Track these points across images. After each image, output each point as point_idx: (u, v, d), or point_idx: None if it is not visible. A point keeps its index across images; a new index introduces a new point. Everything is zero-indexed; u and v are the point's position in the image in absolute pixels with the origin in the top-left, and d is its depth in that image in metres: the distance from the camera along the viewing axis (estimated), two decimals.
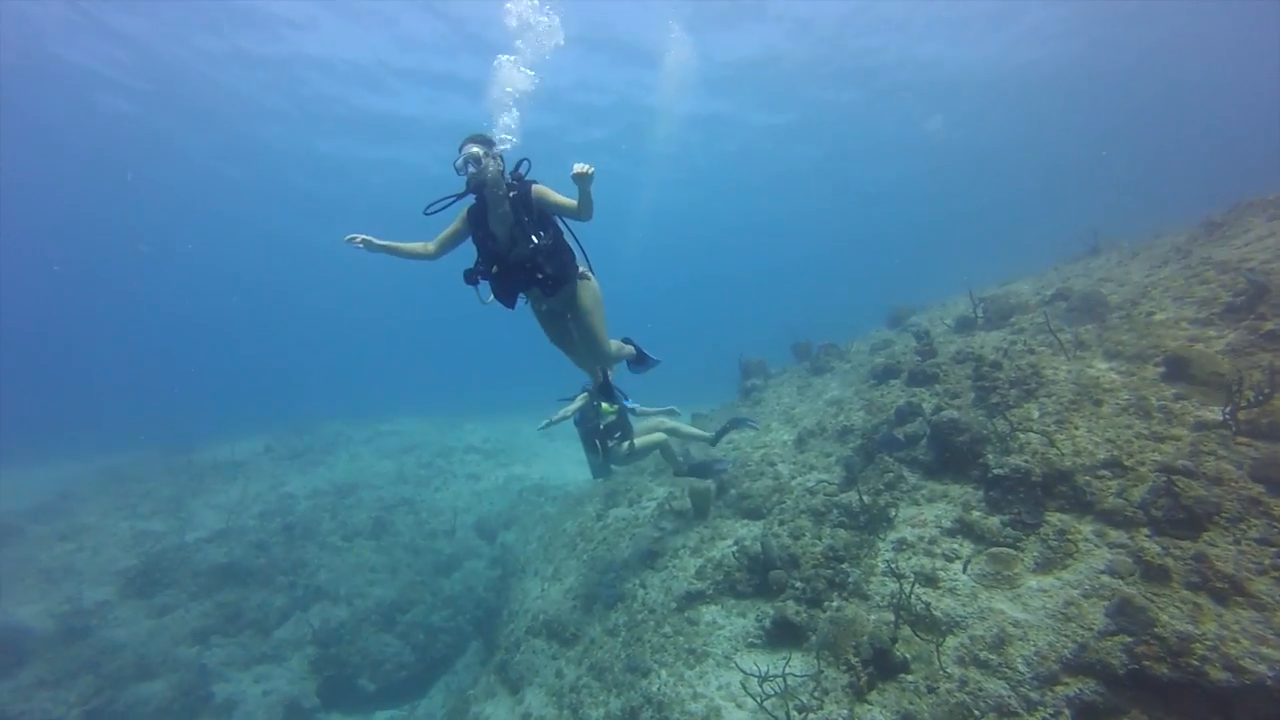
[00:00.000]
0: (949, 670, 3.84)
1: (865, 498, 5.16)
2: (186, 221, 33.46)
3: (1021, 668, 3.71)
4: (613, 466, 6.76)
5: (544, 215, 4.37)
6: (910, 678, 3.88)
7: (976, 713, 3.61)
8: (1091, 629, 3.72)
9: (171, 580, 10.29)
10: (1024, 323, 7.03)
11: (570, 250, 4.63)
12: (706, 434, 7.13)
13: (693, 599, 5.34)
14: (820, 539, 5.03)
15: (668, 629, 5.21)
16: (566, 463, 14.17)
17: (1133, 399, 4.95)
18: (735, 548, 5.44)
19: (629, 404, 6.35)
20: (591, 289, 4.80)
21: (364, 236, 4.20)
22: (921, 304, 11.12)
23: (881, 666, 3.93)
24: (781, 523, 5.42)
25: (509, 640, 6.92)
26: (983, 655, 3.84)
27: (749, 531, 5.75)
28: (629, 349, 5.89)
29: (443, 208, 4.31)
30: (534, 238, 4.25)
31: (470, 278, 4.39)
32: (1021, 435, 4.91)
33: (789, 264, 54.08)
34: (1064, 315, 6.63)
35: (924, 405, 5.83)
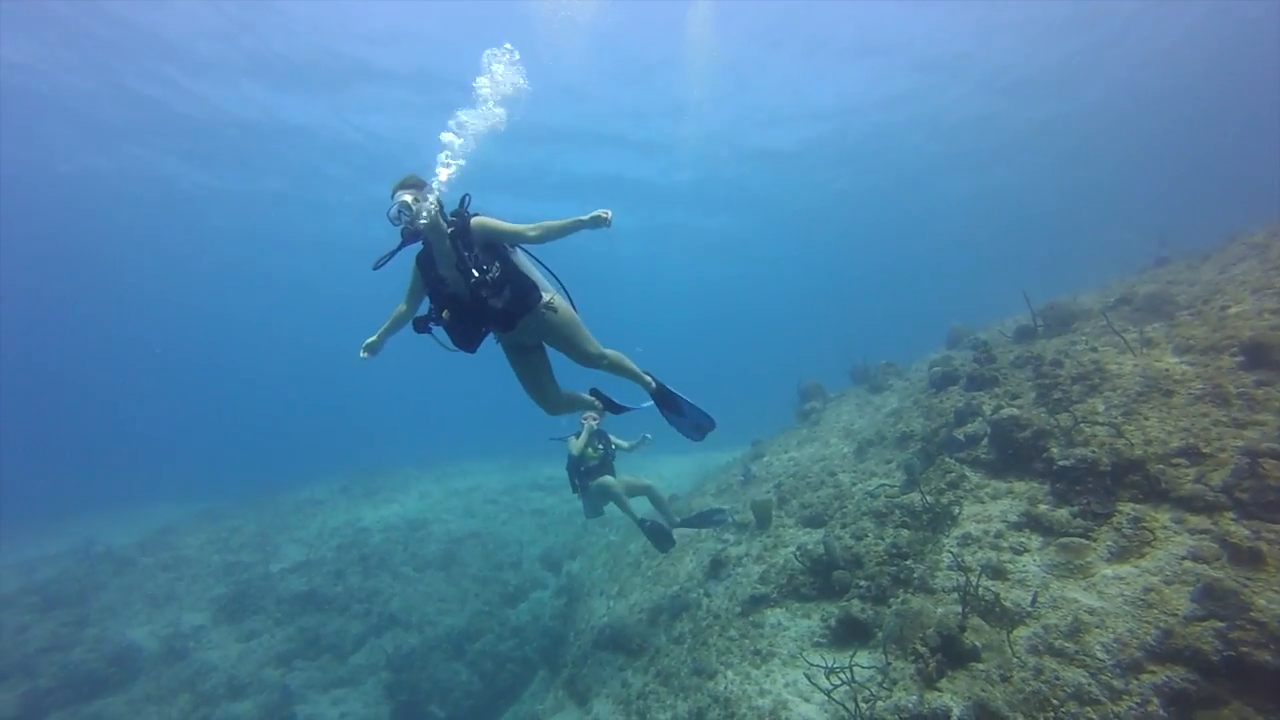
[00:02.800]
0: (1023, 659, 3.75)
1: (928, 498, 5.11)
2: (263, 283, 36.06)
3: (1101, 655, 3.60)
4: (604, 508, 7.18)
5: (490, 247, 4.11)
6: (981, 666, 3.79)
7: (1055, 701, 3.50)
8: (1176, 614, 3.59)
9: (258, 607, 10.84)
10: (1086, 328, 6.88)
11: (527, 279, 4.27)
12: (674, 518, 7.22)
13: (757, 603, 5.35)
14: (883, 539, 5.00)
15: (733, 633, 5.22)
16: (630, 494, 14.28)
17: (1208, 388, 4.80)
18: (798, 551, 5.44)
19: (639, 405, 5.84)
20: (560, 317, 4.40)
21: (366, 345, 4.19)
22: (981, 325, 10.93)
23: (950, 654, 3.86)
24: (844, 526, 5.41)
25: (576, 655, 7.00)
26: (1058, 644, 3.74)
27: (811, 538, 5.75)
28: (645, 376, 5.29)
29: (386, 261, 4.01)
30: (474, 271, 3.95)
31: (420, 326, 4.11)
32: (1087, 428, 4.81)
33: (846, 291, 53.32)
34: (1129, 317, 6.47)
35: (984, 407, 5.76)
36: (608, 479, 7.19)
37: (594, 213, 3.89)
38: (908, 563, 4.70)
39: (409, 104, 19.71)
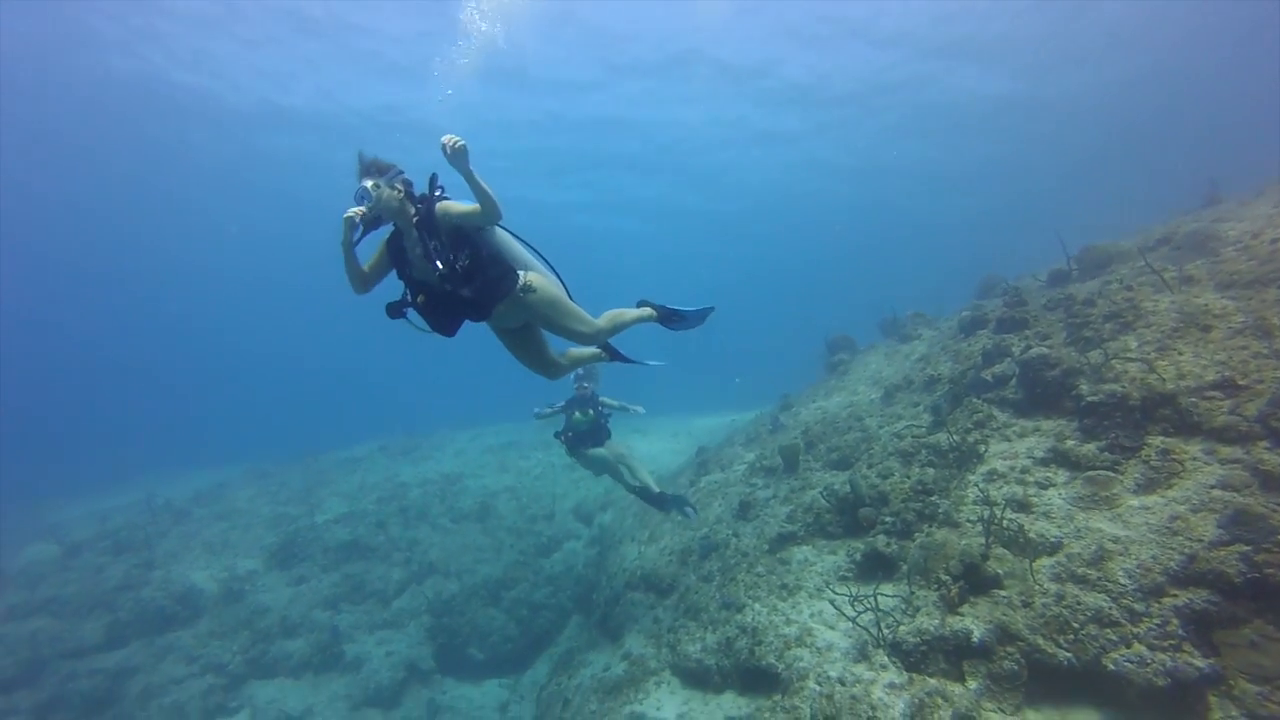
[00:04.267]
0: (1044, 586, 3.83)
1: (954, 437, 5.15)
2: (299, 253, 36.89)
3: (1123, 580, 3.66)
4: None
5: (458, 232, 3.90)
6: (1003, 593, 3.89)
7: (1075, 625, 3.59)
8: (1201, 540, 3.62)
9: (306, 555, 11.43)
10: (1123, 270, 6.72)
11: (500, 264, 4.07)
12: (652, 488, 7.19)
13: (784, 541, 5.50)
14: (909, 477, 5.07)
15: (760, 569, 5.39)
16: (662, 452, 14.50)
17: (1249, 321, 4.70)
18: (824, 491, 5.55)
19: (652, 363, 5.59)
20: (540, 295, 4.19)
21: (358, 217, 3.75)
22: (1014, 276, 10.69)
23: (973, 582, 3.97)
24: (870, 466, 5.49)
25: (608, 597, 7.27)
26: (1080, 571, 3.81)
27: (837, 479, 5.84)
28: (644, 311, 5.06)
29: (356, 242, 3.86)
30: (438, 263, 3.77)
31: (393, 311, 3.98)
32: (1118, 365, 4.78)
33: (876, 247, 51.99)
34: (1168, 257, 6.31)
35: (1012, 348, 5.73)
36: (600, 451, 7.35)
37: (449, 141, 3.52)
38: (933, 499, 4.79)
39: None
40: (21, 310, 43.29)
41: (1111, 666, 3.35)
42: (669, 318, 5.07)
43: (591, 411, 7.41)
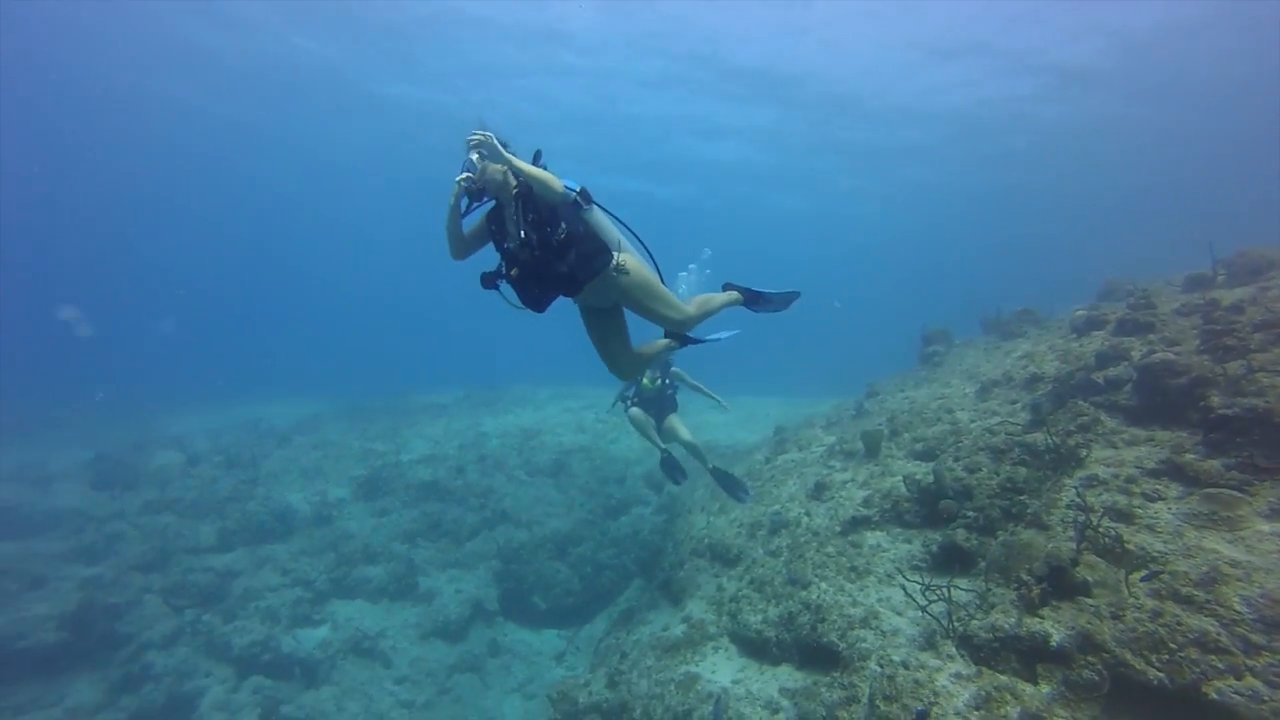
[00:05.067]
0: (1140, 600, 3.62)
1: (1053, 438, 4.89)
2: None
3: (1240, 607, 3.40)
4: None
5: (554, 207, 3.99)
6: (1091, 601, 3.71)
7: (1172, 645, 3.39)
8: None
9: (389, 490, 12.27)
10: None
11: (595, 241, 4.15)
12: (705, 460, 7.53)
13: (858, 524, 5.43)
14: (998, 473, 4.87)
15: (830, 549, 5.36)
16: (737, 428, 14.49)
17: None
18: (905, 479, 5.42)
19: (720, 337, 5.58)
20: (633, 276, 4.26)
21: (467, 180, 3.87)
22: (1142, 278, 9.84)
23: (1057, 586, 3.80)
24: (957, 459, 5.31)
25: (673, 561, 7.42)
26: (1185, 590, 3.57)
27: (920, 469, 5.69)
28: (730, 295, 5.13)
29: (463, 214, 4.05)
30: (522, 233, 3.89)
31: (487, 281, 4.08)
32: (1264, 378, 4.36)
33: (985, 246, 48.90)
34: None
35: (1132, 352, 5.34)
36: (634, 411, 7.57)
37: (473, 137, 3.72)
38: (1022, 498, 4.59)
39: None
40: (154, 254, 48.21)
41: (1215, 696, 3.14)
42: (754, 300, 5.12)
43: (661, 380, 7.51)
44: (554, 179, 3.85)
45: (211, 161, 32.13)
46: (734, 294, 5.07)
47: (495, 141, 3.61)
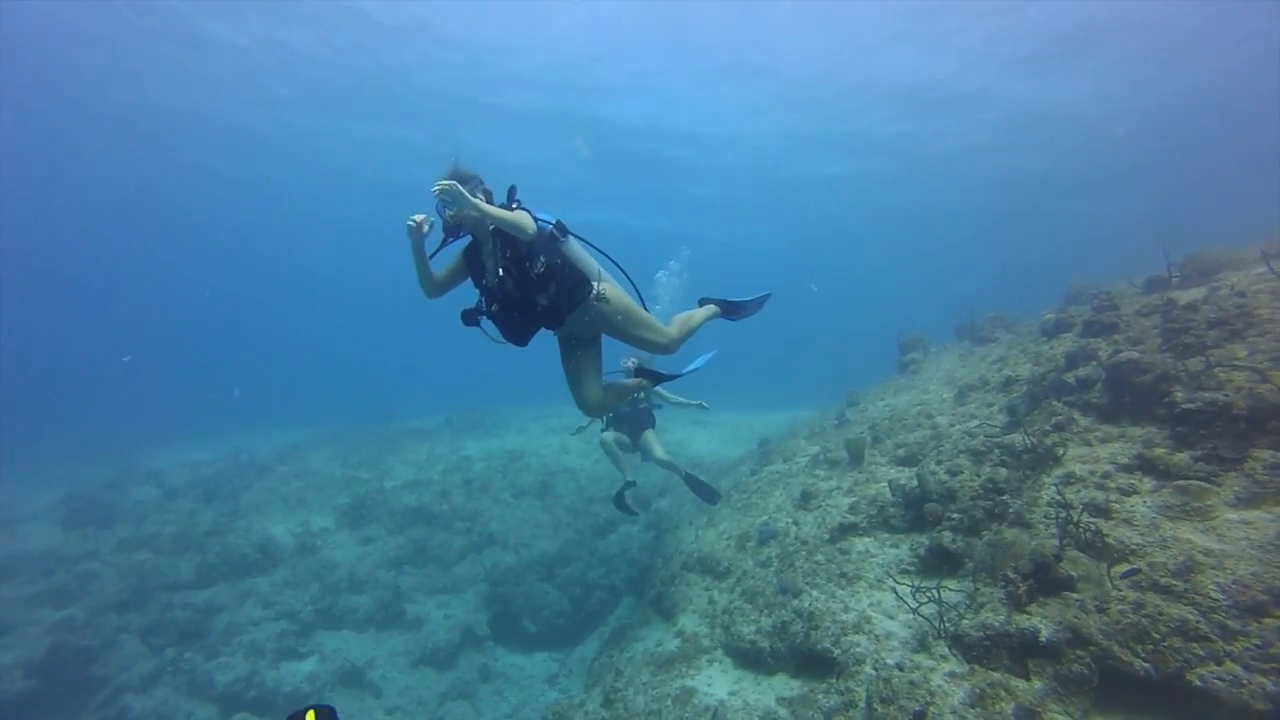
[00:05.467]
0: (1123, 592, 3.72)
1: (1030, 439, 5.02)
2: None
3: (1216, 594, 3.52)
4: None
5: (532, 242, 3.94)
6: (1076, 595, 3.81)
7: (1155, 635, 3.48)
8: None
9: (373, 517, 12.09)
10: (1234, 278, 6.33)
11: (575, 273, 4.14)
12: (679, 470, 8.25)
13: (845, 531, 5.50)
14: (979, 475, 4.98)
15: (820, 558, 5.41)
16: (721, 444, 14.56)
17: None
18: (890, 485, 5.51)
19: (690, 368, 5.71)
20: (614, 304, 4.26)
21: (421, 217, 3.78)
22: (1106, 283, 10.15)
23: (1043, 582, 3.89)
24: (939, 462, 5.41)
25: (663, 576, 7.41)
26: (1164, 581, 3.68)
27: (904, 474, 5.78)
28: (708, 309, 5.13)
29: (432, 256, 4.00)
30: (500, 269, 3.87)
31: (468, 318, 4.07)
32: (1222, 373, 4.54)
33: (956, 250, 49.45)
34: None
35: (1099, 352, 5.52)
36: (606, 436, 8.06)
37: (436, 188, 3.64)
38: (1004, 498, 4.70)
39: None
40: (128, 283, 47.39)
41: (1198, 683, 3.23)
42: (731, 310, 5.20)
43: (642, 394, 7.61)
44: (525, 219, 3.81)
45: (185, 194, 31.75)
46: (712, 308, 5.12)
47: (460, 189, 3.56)
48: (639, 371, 5.28)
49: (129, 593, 9.54)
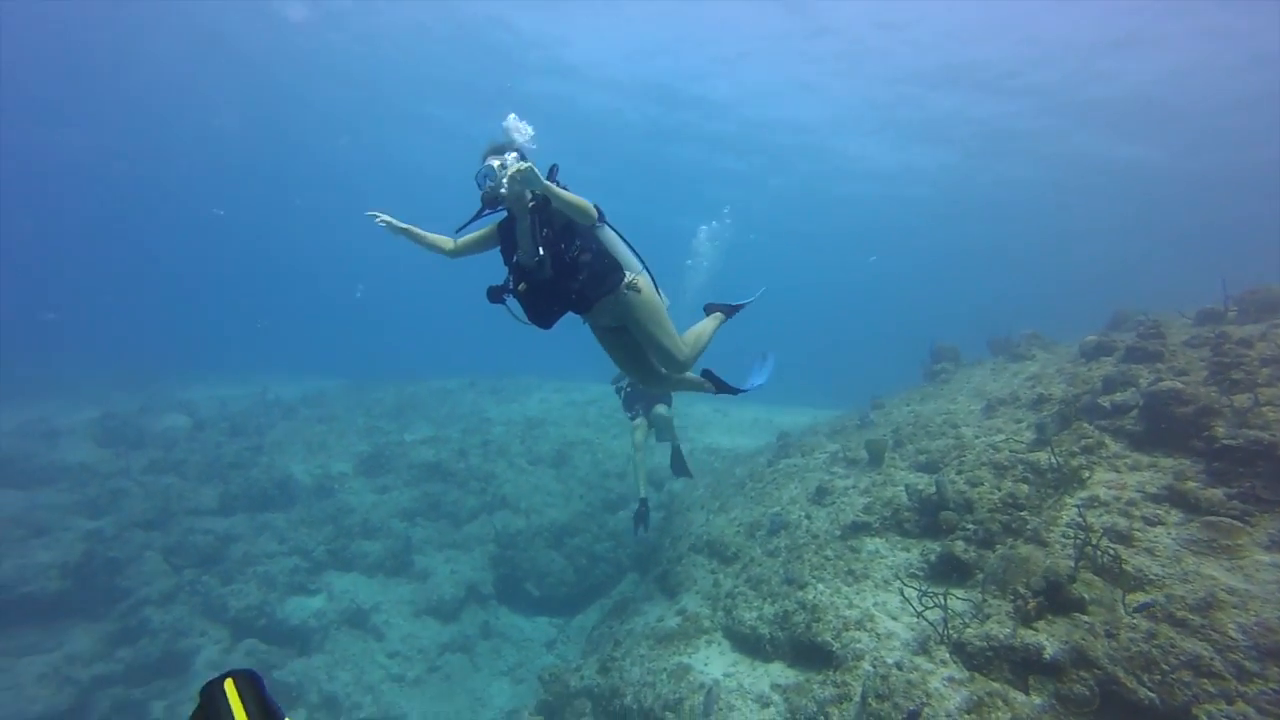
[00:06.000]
0: (1135, 620, 3.67)
1: (1056, 458, 4.94)
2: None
3: (1235, 634, 3.45)
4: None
5: (571, 225, 3.93)
6: (1086, 618, 3.76)
7: (1165, 666, 3.43)
8: None
9: (391, 468, 12.35)
10: None
11: (609, 259, 4.12)
12: (675, 439, 8.83)
13: (857, 529, 5.48)
14: (1000, 489, 4.92)
15: (829, 553, 5.41)
16: (740, 434, 14.54)
17: None
18: (907, 489, 5.47)
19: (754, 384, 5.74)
20: (643, 299, 4.24)
21: (386, 217, 3.95)
22: (1154, 311, 9.84)
23: (1054, 600, 3.85)
24: (959, 472, 5.36)
25: (670, 556, 7.48)
26: (1180, 614, 3.62)
27: (922, 480, 5.74)
28: (715, 319, 5.15)
29: (466, 226, 4.07)
30: (538, 250, 3.82)
31: (494, 295, 4.02)
32: (1270, 412, 4.41)
33: (994, 261, 47.78)
34: None
35: (1139, 379, 5.38)
36: (659, 409, 8.44)
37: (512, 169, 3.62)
38: (1023, 514, 4.64)
39: None
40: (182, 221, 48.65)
41: (1204, 718, 3.19)
42: (733, 312, 5.27)
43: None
44: (589, 205, 3.79)
45: (234, 150, 32.42)
46: (719, 317, 5.13)
47: (535, 171, 3.50)
48: (705, 373, 5.18)
49: (154, 513, 9.92)
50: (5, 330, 27.78)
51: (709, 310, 5.21)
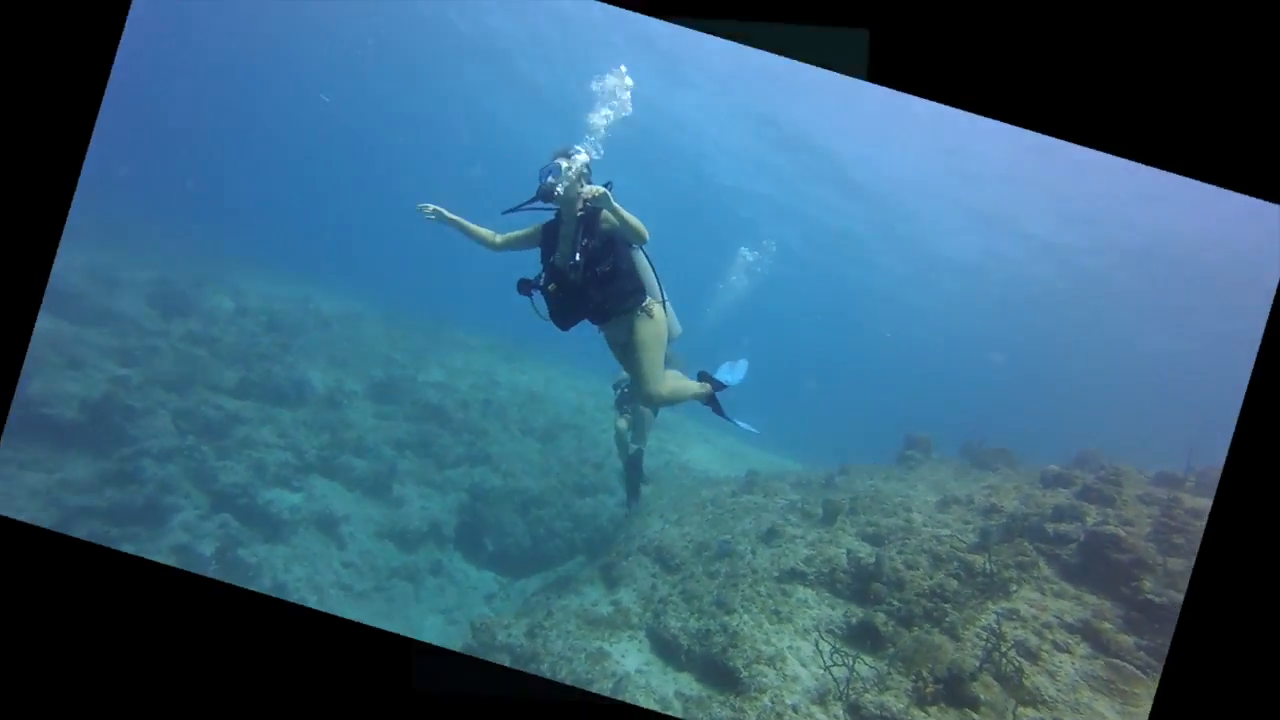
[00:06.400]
0: None
1: (991, 565, 4.90)
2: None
3: None
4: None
5: (611, 241, 3.89)
6: (976, 716, 3.72)
7: None
8: None
9: (397, 399, 12.41)
10: None
11: (635, 280, 4.09)
12: (641, 458, 8.22)
13: (794, 576, 5.45)
14: (932, 578, 4.89)
15: (762, 589, 5.38)
16: (714, 462, 14.50)
17: None
18: (849, 553, 5.45)
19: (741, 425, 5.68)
20: (652, 326, 4.19)
21: (435, 207, 4.00)
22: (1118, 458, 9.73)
23: (952, 691, 3.82)
24: (900, 552, 5.33)
25: (620, 550, 7.46)
26: None
27: (865, 549, 5.70)
28: (699, 388, 5.00)
29: (516, 210, 3.99)
30: (576, 255, 3.78)
31: (524, 288, 4.00)
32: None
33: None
34: None
35: (1086, 516, 5.34)
36: (620, 425, 8.09)
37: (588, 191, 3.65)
38: (946, 605, 4.60)
39: None
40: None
41: None
42: (718, 388, 5.16)
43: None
44: (645, 229, 3.78)
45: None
46: (705, 388, 5.03)
47: (609, 195, 3.51)
48: (702, 375, 5.21)
49: (178, 377, 10.00)
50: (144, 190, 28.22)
51: (702, 377, 5.18)
